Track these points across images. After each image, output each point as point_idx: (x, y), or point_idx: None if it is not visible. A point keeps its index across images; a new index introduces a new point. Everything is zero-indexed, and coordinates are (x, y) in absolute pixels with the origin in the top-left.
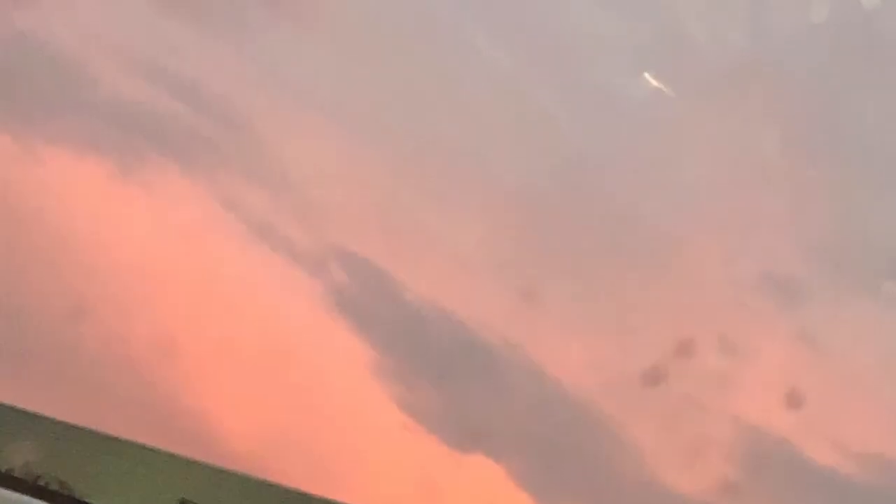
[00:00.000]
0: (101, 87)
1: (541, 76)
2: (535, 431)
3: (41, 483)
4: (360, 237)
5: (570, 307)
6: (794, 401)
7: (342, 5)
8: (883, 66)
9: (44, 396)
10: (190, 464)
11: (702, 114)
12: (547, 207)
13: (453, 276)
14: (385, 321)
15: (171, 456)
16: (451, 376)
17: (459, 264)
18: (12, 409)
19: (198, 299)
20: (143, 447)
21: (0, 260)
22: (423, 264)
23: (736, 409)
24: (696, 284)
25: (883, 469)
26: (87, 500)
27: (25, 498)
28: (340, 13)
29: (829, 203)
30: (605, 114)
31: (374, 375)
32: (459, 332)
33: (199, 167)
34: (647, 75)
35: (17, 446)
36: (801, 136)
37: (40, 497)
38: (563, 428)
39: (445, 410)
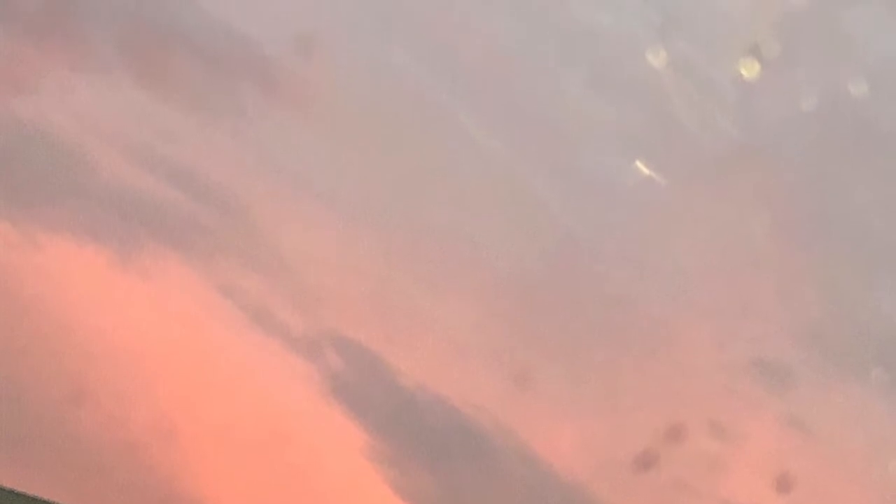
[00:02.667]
0: (100, 174)
1: (534, 163)
2: None
3: None
4: (355, 323)
5: (562, 391)
6: (784, 485)
7: (338, 94)
8: (872, 153)
9: (43, 480)
10: None
11: (693, 200)
12: (539, 293)
13: (447, 360)
14: (379, 406)
15: None
16: (444, 460)
17: (453, 349)
18: (11, 493)
19: (196, 384)
20: None
21: (0, 345)
22: (417, 349)
23: (726, 492)
24: (687, 369)
25: None
26: None
27: None
28: (336, 101)
29: (819, 289)
30: (597, 200)
31: (368, 459)
32: (453, 416)
33: (197, 254)
34: (638, 163)
35: None
36: (792, 222)
37: None
38: None
39: (439, 494)
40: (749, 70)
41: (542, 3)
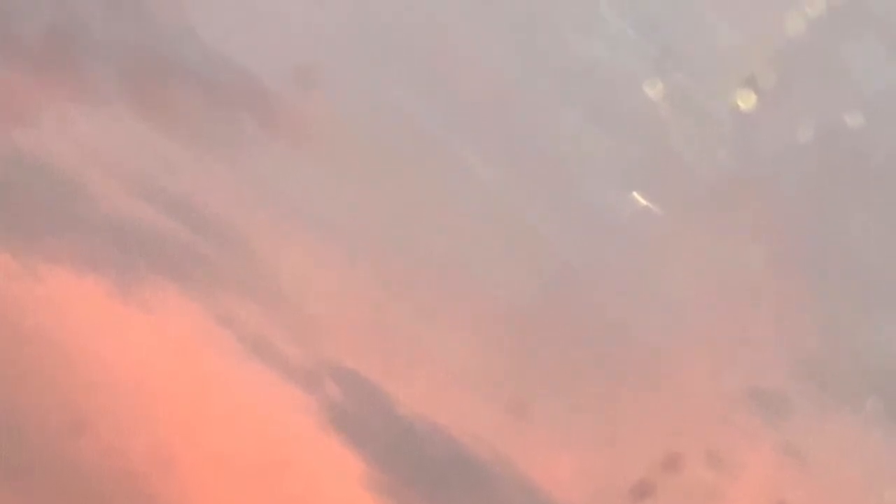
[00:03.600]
0: (100, 205)
1: (532, 194)
2: None
3: None
4: (354, 352)
5: (560, 421)
6: None
7: (337, 125)
8: (868, 184)
9: None
10: None
11: (690, 231)
12: (537, 323)
13: (445, 390)
14: (378, 436)
15: None
16: (443, 490)
17: (451, 379)
18: None
19: (195, 414)
20: None
21: (0, 375)
22: (415, 379)
23: None
24: (683, 399)
25: None
26: None
27: None
28: (335, 133)
29: (815, 319)
30: (595, 231)
31: (367, 489)
32: (451, 446)
33: (196, 284)
34: (635, 194)
35: None
36: (788, 253)
37: None
38: None
39: None
40: (745, 101)
41: (540, 38)
